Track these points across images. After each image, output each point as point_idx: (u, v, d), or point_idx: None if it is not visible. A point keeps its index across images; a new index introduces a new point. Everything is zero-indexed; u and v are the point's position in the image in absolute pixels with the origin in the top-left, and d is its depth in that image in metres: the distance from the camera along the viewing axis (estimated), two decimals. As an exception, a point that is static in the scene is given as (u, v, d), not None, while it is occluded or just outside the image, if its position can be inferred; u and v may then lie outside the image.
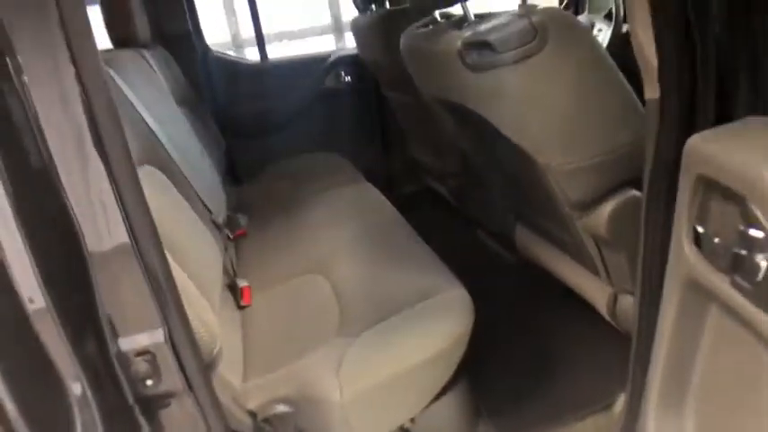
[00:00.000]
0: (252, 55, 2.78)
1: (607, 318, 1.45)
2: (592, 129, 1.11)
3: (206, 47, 2.60)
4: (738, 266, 0.72)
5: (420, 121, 2.23)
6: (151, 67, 1.82)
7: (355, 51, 2.63)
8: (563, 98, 1.09)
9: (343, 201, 1.99)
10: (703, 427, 0.96)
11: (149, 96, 1.61)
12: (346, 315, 1.31)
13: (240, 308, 1.49)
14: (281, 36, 5.42)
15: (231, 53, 5.58)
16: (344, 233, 1.68)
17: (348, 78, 2.72)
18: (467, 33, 1.15)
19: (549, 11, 1.07)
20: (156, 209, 1.27)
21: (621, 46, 2.34)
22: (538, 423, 1.44)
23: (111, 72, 1.39)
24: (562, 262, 1.60)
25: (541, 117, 1.11)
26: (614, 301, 1.39)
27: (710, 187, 0.78)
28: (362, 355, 1.16)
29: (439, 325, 1.18)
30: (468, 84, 1.18)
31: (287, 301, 1.47)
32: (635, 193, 1.19)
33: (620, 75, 1.10)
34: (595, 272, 1.43)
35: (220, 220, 1.63)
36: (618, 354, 1.53)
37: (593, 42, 1.09)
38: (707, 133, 0.80)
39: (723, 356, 0.88)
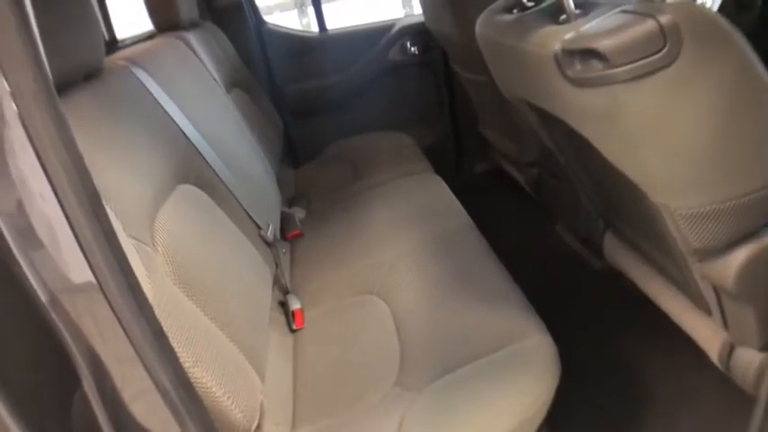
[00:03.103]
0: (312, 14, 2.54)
1: (715, 362, 1.21)
2: (733, 165, 0.84)
3: (260, 19, 2.40)
4: None
5: (494, 105, 1.97)
6: (194, 52, 1.66)
7: (422, 19, 2.37)
8: (697, 127, 0.81)
9: (407, 199, 1.79)
10: None
11: (190, 91, 1.45)
12: (408, 356, 1.14)
13: (292, 331, 1.35)
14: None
15: (295, 13, 5.37)
16: (409, 244, 1.49)
17: (414, 50, 2.47)
18: (567, 34, 0.89)
19: (683, 6, 0.80)
20: (193, 236, 1.14)
21: (737, 11, 1.98)
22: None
23: (144, 75, 1.23)
24: (663, 289, 1.35)
25: (665, 150, 0.84)
26: (730, 351, 1.14)
27: None
28: (427, 419, 0.98)
29: (520, 392, 0.98)
30: (567, 98, 0.93)
31: (342, 327, 1.31)
32: None
33: None
34: (707, 311, 1.18)
35: (270, 234, 1.47)
36: (726, 405, 1.30)
37: (743, 49, 0.80)
38: None
39: None
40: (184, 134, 1.28)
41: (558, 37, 0.91)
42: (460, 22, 1.71)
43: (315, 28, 2.54)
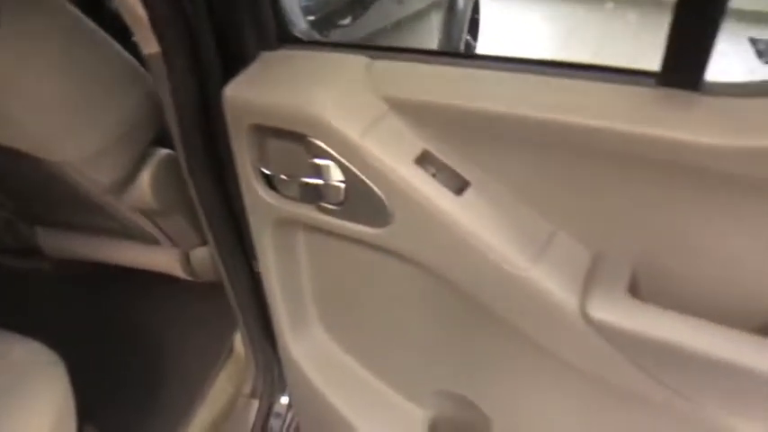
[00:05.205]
0: None
1: (183, 276, 1.41)
2: (101, 105, 0.95)
3: None
4: (318, 194, 0.78)
5: None
6: None
7: None
8: (54, 82, 0.88)
9: None
10: (330, 327, 1.08)
11: None
12: None
13: None
14: None
15: None
16: None
17: None
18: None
19: None
20: None
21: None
22: (176, 411, 1.36)
23: None
24: (111, 249, 1.45)
25: (34, 108, 0.87)
26: (187, 259, 1.36)
27: (265, 131, 0.79)
28: None
29: (39, 412, 0.92)
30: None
31: None
32: (164, 151, 1.12)
33: (102, 32, 0.96)
34: (154, 241, 1.35)
35: None
36: (206, 302, 1.53)
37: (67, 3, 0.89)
38: (241, 81, 0.79)
39: (326, 268, 0.98)
40: None
41: None
42: None
43: None
